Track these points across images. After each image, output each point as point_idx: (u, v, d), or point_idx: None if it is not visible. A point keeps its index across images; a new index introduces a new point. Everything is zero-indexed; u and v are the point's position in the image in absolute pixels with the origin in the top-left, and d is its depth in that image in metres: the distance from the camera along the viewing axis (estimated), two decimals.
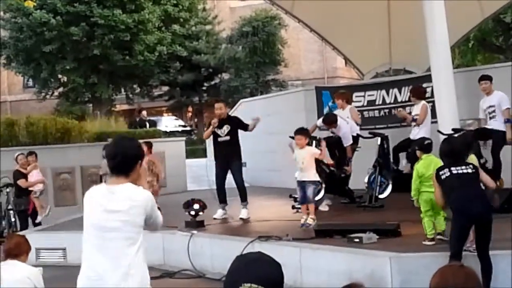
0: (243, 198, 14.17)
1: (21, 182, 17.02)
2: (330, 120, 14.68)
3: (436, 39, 14.26)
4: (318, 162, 14.62)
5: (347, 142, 14.68)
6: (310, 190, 12.13)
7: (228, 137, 14.07)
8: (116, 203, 4.97)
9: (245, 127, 14.10)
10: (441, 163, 9.01)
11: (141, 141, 15.97)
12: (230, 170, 14.18)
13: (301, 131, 12.69)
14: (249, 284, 2.78)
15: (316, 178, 12.36)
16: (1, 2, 37.53)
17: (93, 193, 5.12)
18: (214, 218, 13.99)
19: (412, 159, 13.80)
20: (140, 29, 37.60)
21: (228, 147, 14.04)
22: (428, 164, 9.71)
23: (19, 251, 6.88)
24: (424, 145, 10.31)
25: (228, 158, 14.09)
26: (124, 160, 5.01)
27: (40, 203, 16.88)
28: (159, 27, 39.19)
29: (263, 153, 19.68)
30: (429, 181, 9.33)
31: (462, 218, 8.26)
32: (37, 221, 16.70)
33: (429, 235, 9.70)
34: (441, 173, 8.52)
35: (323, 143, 13.08)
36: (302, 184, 12.26)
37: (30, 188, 16.91)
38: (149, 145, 16.08)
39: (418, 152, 10.29)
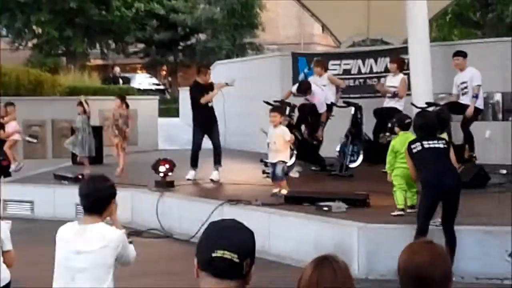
0: (217, 161, 14.21)
1: None
2: (305, 88, 14.67)
3: (415, 12, 14.26)
4: (291, 128, 14.67)
5: (322, 109, 14.70)
6: (278, 169, 11.90)
7: (212, 103, 14.13)
8: (87, 243, 4.90)
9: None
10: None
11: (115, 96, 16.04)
12: (209, 133, 14.18)
13: (276, 109, 12.57)
14: (222, 251, 2.78)
15: (286, 159, 12.15)
16: None
17: (65, 231, 5.05)
18: (188, 179, 13.99)
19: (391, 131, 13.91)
20: None
21: (210, 112, 14.13)
22: (404, 141, 9.65)
23: None
24: (404, 124, 10.34)
25: (210, 122, 14.17)
26: (98, 200, 4.99)
27: (13, 154, 16.65)
28: None
29: (235, 116, 19.61)
30: (404, 157, 9.34)
31: (433, 192, 8.33)
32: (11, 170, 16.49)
33: (400, 205, 9.80)
34: (412, 146, 8.58)
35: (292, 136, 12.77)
36: (273, 163, 12.13)
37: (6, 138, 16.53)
38: (122, 98, 16.08)
39: (396, 129, 10.38)
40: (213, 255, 2.78)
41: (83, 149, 16.06)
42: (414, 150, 8.53)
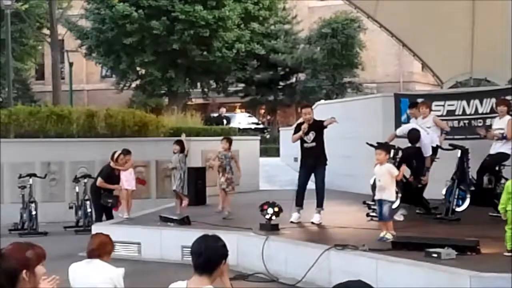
0: (320, 203, 14.20)
1: (98, 181, 16.84)
2: (413, 139, 14.51)
3: None
4: None
5: (427, 152, 14.55)
6: (385, 208, 11.86)
7: (314, 143, 14.16)
8: None
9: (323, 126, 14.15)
10: None
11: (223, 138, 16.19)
12: (314, 174, 14.19)
13: (381, 146, 12.54)
14: None
15: (392, 197, 12.03)
16: None
17: None
18: (291, 222, 14.00)
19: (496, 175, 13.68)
20: (220, 25, 37.78)
21: (314, 153, 14.12)
22: None
23: (103, 251, 6.96)
24: None
25: (314, 164, 14.19)
26: (208, 260, 4.92)
27: (130, 201, 16.66)
28: (238, 25, 39.32)
29: (337, 157, 19.57)
30: None
31: None
32: (123, 215, 16.53)
33: (510, 247, 9.76)
34: None
35: (403, 168, 12.76)
36: (379, 202, 12.08)
37: (123, 187, 16.56)
38: (230, 141, 16.25)
39: None
40: None
41: (182, 189, 16.38)
42: None
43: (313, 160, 14.19)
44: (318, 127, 14.14)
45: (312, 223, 13.98)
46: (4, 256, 4.34)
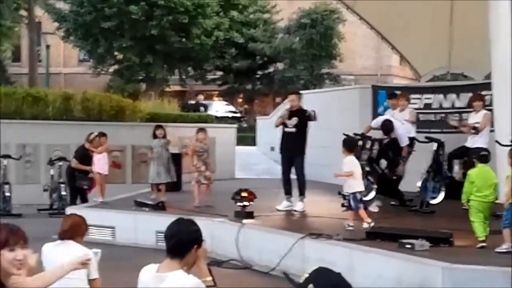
0: (301, 192, 14.34)
1: (73, 162, 16.93)
2: (387, 129, 14.61)
3: (500, 48, 14.09)
4: (371, 162, 14.63)
5: (403, 142, 14.63)
6: (350, 201, 12.09)
7: (294, 129, 14.20)
8: None
9: (309, 118, 14.21)
10: (493, 175, 10.16)
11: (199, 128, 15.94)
12: (291, 161, 14.26)
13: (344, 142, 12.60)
14: None
15: (351, 189, 12.12)
16: None
17: (142, 279, 4.99)
18: (278, 210, 14.10)
19: (467, 168, 13.70)
20: (199, 12, 37.73)
21: (292, 139, 14.21)
22: (481, 173, 10.25)
23: (76, 232, 6.85)
24: (480, 156, 10.73)
25: (291, 150, 14.28)
26: (179, 243, 4.86)
27: (103, 185, 16.64)
28: (217, 12, 39.31)
29: (315, 147, 19.57)
30: (481, 190, 10.03)
31: None
32: (98, 199, 16.51)
33: (481, 237, 10.00)
34: None
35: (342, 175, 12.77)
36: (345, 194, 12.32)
37: (95, 170, 16.54)
38: (205, 132, 16.08)
39: (475, 162, 10.70)
40: None
41: (161, 176, 16.27)
42: None
43: (290, 147, 14.27)
44: (303, 116, 14.18)
45: (295, 211, 14.08)
46: None
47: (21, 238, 4.62)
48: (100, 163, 16.45)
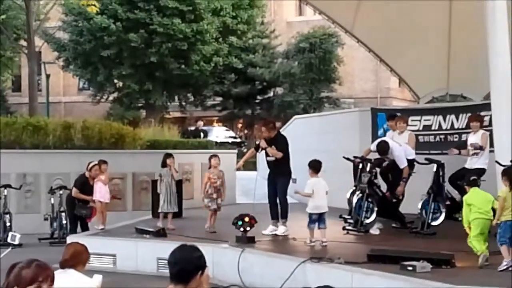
0: (283, 215, 14.45)
1: (73, 191, 16.84)
2: (382, 151, 14.66)
3: (498, 69, 14.10)
4: (372, 185, 14.63)
5: (402, 164, 14.61)
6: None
7: (273, 158, 14.48)
8: None
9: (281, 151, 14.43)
10: (488, 194, 10.67)
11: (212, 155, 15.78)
12: (276, 186, 14.47)
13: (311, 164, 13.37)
14: None
15: (310, 210, 13.14)
16: (64, 5, 38.14)
17: None
18: (263, 234, 14.03)
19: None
20: (198, 39, 37.90)
21: (275, 165, 14.47)
22: (475, 194, 10.79)
23: (77, 260, 6.82)
24: (470, 181, 11.20)
25: (275, 175, 14.53)
26: (183, 270, 4.86)
27: (104, 213, 16.59)
28: (216, 38, 39.43)
29: None
30: (481, 207, 10.42)
31: None
32: (98, 227, 16.45)
33: (480, 251, 10.25)
34: None
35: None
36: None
37: (96, 199, 16.49)
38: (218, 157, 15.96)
39: (466, 187, 11.17)
40: None
41: (171, 204, 16.05)
42: None
43: (274, 171, 14.52)
44: (277, 143, 14.47)
45: (276, 235, 14.12)
46: None
47: (49, 275, 4.54)
48: (101, 191, 16.42)
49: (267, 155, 14.63)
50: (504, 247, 10.05)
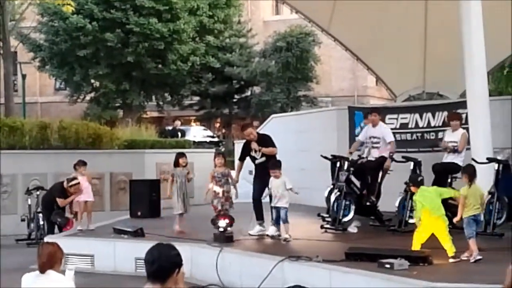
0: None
1: (60, 202, 16.57)
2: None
3: (474, 67, 14.25)
4: (349, 183, 14.70)
5: (389, 138, 15.22)
6: (283, 213, 13.31)
7: (264, 158, 14.27)
8: None
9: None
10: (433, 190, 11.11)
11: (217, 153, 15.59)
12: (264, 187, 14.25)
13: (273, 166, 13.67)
14: None
15: (287, 204, 13.43)
16: (39, 5, 37.92)
17: None
18: (250, 234, 13.99)
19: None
20: (175, 38, 37.82)
21: (265, 167, 14.00)
22: (423, 192, 11.10)
23: (54, 261, 6.82)
24: (418, 181, 11.44)
25: (268, 177, 13.92)
26: (160, 268, 4.88)
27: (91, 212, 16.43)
28: (193, 38, 39.37)
29: (293, 170, 19.66)
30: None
31: None
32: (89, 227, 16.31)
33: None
34: None
35: None
36: (277, 208, 13.48)
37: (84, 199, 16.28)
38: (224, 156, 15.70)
39: (412, 188, 11.47)
40: None
41: (185, 205, 15.32)
42: None
43: (266, 174, 13.99)
44: (262, 143, 14.30)
45: (267, 235, 14.01)
46: None
47: None
48: (88, 191, 16.36)
49: (254, 159, 14.38)
50: (472, 240, 10.46)
